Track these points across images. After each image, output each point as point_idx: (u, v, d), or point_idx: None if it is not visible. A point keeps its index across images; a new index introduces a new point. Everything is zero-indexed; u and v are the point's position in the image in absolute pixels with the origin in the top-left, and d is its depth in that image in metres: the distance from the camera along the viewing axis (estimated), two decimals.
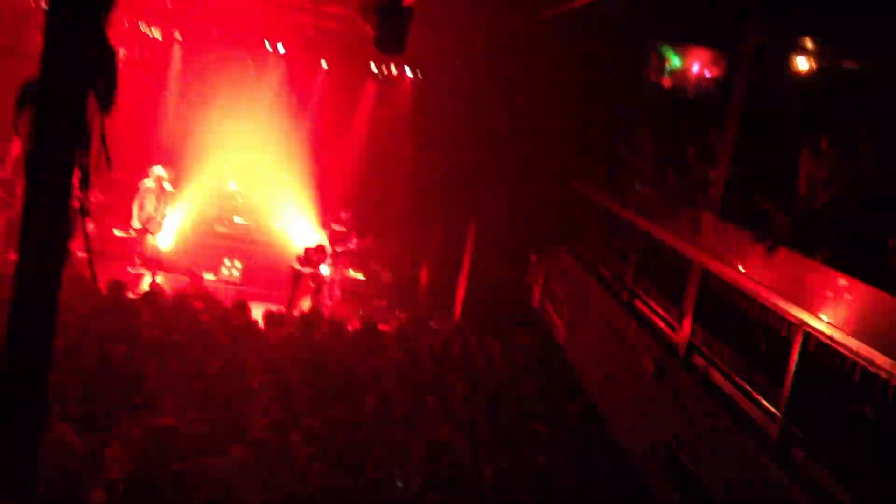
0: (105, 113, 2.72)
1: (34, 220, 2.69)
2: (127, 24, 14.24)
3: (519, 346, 12.88)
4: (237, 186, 17.02)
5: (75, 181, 2.72)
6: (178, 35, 15.61)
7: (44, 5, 2.52)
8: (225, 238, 16.23)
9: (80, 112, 2.69)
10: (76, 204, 2.73)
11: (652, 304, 9.73)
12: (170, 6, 14.72)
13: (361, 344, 11.80)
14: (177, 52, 16.17)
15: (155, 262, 14.94)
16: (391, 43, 6.15)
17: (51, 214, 2.67)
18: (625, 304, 10.40)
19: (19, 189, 13.88)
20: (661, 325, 9.28)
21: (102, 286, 12.21)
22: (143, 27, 14.14)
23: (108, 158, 2.79)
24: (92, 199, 2.74)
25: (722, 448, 7.16)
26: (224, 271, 15.54)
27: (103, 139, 2.75)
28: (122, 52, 13.44)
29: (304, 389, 9.71)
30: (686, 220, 8.93)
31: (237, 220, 16.51)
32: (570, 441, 9.85)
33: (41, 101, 2.67)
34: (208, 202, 16.50)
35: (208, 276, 14.92)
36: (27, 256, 2.68)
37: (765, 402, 6.77)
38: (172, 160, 15.52)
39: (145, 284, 14.15)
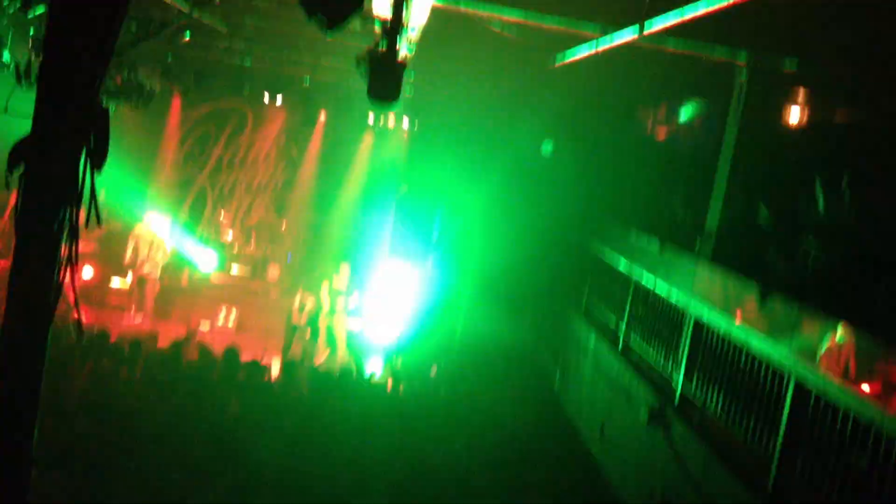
0: (97, 170, 2.78)
1: (23, 275, 2.73)
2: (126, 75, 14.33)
3: (515, 391, 12.85)
4: (233, 236, 17.12)
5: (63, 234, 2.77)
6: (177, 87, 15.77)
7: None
8: (222, 288, 16.30)
9: (72, 170, 2.74)
10: (64, 254, 2.77)
11: (647, 352, 9.73)
12: (170, 60, 14.93)
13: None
14: (176, 102, 16.38)
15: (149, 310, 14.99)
16: (384, 92, 6.24)
17: (40, 269, 2.72)
18: (620, 353, 10.40)
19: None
20: (656, 372, 9.27)
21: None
22: (143, 79, 14.26)
23: (98, 214, 2.84)
24: (87, 250, 2.79)
25: (717, 495, 7.11)
26: (220, 321, 15.56)
27: (94, 195, 2.80)
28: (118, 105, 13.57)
29: None
30: (681, 270, 8.98)
31: (234, 270, 16.58)
32: (568, 490, 9.80)
33: (33, 159, 2.72)
34: (205, 249, 16.60)
35: (203, 326, 14.94)
36: (15, 312, 2.72)
37: (758, 450, 6.75)
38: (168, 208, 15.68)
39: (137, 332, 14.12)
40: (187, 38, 13.17)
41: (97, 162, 2.77)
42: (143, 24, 11.07)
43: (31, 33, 10.40)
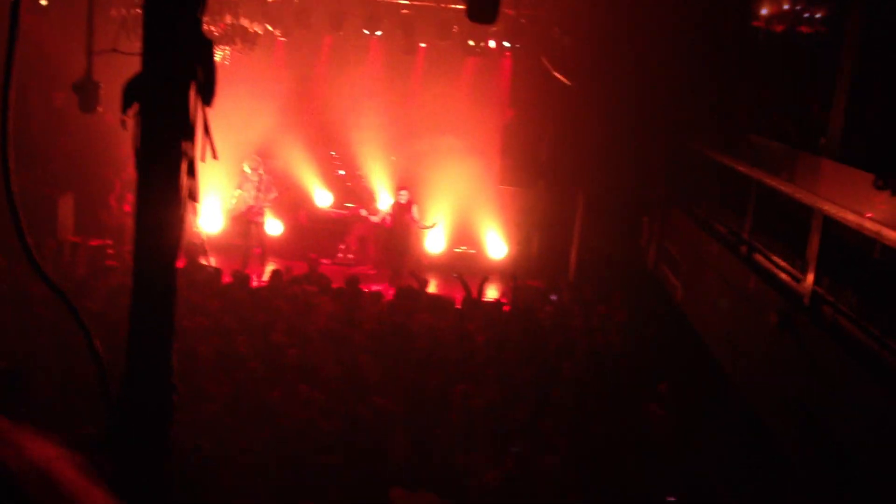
0: (207, 104, 2.82)
1: (146, 213, 2.82)
2: (231, 21, 14.57)
3: (636, 309, 12.74)
4: (344, 171, 17.39)
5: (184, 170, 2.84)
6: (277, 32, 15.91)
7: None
8: (337, 222, 16.64)
9: (184, 105, 2.79)
10: (185, 193, 2.84)
11: (773, 256, 9.44)
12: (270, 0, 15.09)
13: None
14: (280, 45, 16.58)
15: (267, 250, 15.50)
16: (482, 11, 6.11)
17: (162, 206, 2.81)
18: (744, 259, 10.12)
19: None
20: (784, 276, 9.00)
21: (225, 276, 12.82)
22: (244, 22, 14.50)
23: (213, 147, 2.89)
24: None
25: (855, 400, 6.90)
26: (339, 255, 15.97)
27: (207, 129, 2.85)
28: (225, 51, 13.82)
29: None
30: (805, 168, 8.61)
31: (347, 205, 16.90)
32: (697, 403, 9.71)
33: (146, 97, 2.79)
34: (316, 186, 16.97)
35: (324, 261, 15.34)
36: (142, 250, 2.82)
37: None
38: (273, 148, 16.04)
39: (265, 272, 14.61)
40: None
41: (206, 96, 2.81)
42: None
43: None
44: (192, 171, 2.85)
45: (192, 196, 2.86)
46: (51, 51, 14.50)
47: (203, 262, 12.65)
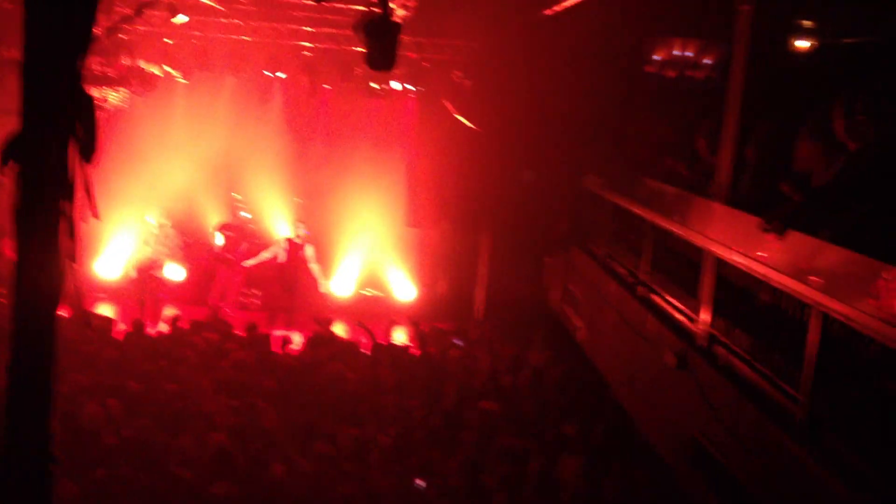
0: (87, 161, 2.74)
1: (24, 276, 2.72)
2: (129, 63, 14.28)
3: (542, 350, 12.87)
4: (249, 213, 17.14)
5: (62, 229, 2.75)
6: (177, 73, 15.66)
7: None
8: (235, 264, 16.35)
9: (63, 163, 2.71)
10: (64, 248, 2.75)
11: (669, 297, 9.69)
12: (170, 42, 14.86)
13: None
14: (179, 87, 16.27)
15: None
16: (380, 59, 6.16)
17: (39, 270, 2.71)
18: (641, 299, 10.36)
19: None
20: (680, 316, 9.24)
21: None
22: (143, 65, 14.24)
23: (94, 208, 2.81)
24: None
25: (749, 436, 7.10)
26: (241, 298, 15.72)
27: (89, 188, 2.77)
28: (122, 93, 13.53)
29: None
30: (696, 210, 8.89)
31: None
32: (601, 443, 9.82)
33: (23, 156, 2.70)
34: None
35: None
36: (20, 314, 2.72)
37: (788, 387, 6.72)
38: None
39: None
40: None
41: (87, 154, 2.73)
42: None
43: None
44: (72, 232, 2.76)
45: (72, 257, 2.77)
46: None
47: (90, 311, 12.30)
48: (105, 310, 14.30)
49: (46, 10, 2.58)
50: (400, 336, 14.92)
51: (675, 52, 11.45)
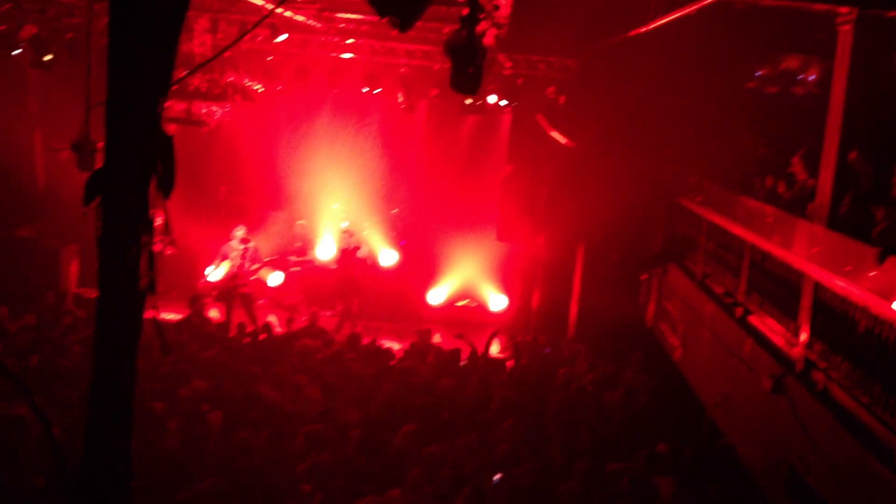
0: (166, 197, 2.86)
1: (106, 305, 2.85)
2: (232, 79, 14.78)
3: (635, 369, 12.67)
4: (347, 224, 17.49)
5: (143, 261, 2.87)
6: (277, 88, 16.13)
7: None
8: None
9: (143, 199, 2.83)
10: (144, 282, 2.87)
11: (766, 318, 9.40)
12: (269, 59, 15.34)
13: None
14: (280, 102, 16.81)
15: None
16: (465, 82, 6.18)
17: (121, 300, 2.83)
18: (738, 320, 10.08)
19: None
20: (777, 339, 8.95)
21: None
22: (246, 82, 14.73)
23: (172, 240, 2.93)
24: None
25: (847, 469, 6.82)
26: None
27: (167, 222, 2.89)
28: (218, 111, 14.00)
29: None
30: (797, 232, 8.62)
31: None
32: (695, 464, 9.61)
33: (106, 192, 2.83)
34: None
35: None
36: (102, 341, 2.84)
37: (886, 418, 6.43)
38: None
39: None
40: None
41: (166, 190, 2.85)
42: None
43: None
44: (152, 264, 2.89)
45: (151, 288, 2.89)
46: (55, 106, 14.70)
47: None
48: (218, 314, 14.79)
49: (129, 57, 2.71)
50: (495, 348, 14.93)
51: (776, 69, 11.12)
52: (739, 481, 9.12)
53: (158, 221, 2.88)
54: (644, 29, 10.68)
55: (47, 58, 14.73)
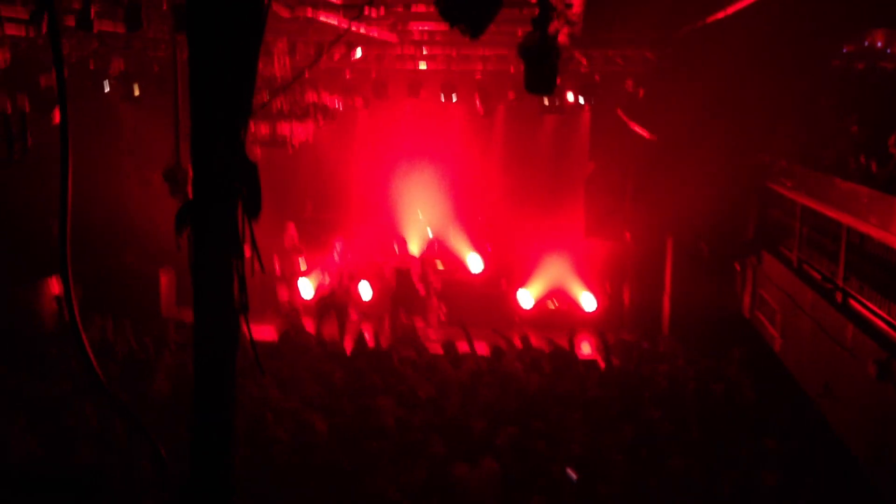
0: (253, 219, 2.97)
1: (202, 327, 2.97)
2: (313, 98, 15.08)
3: (738, 364, 12.38)
4: (432, 234, 17.64)
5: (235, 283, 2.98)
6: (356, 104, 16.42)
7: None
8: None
9: (233, 224, 2.94)
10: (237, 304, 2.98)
11: (867, 302, 9.09)
12: (348, 77, 15.64)
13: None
14: (361, 118, 17.13)
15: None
16: (539, 83, 6.18)
17: (216, 321, 2.94)
18: (839, 306, 9.77)
19: None
20: (881, 324, 8.65)
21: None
22: (327, 101, 15.03)
23: (260, 262, 3.03)
24: None
25: None
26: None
27: (254, 244, 2.99)
28: (302, 132, 14.31)
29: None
30: (894, 212, 8.32)
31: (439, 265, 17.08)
32: (802, 455, 9.36)
33: (195, 223, 2.95)
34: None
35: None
36: (200, 362, 2.96)
37: None
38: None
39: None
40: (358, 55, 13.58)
41: (252, 212, 2.96)
42: None
43: None
44: (243, 286, 2.99)
45: (243, 308, 2.99)
46: (147, 137, 15.27)
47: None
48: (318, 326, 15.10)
49: (209, 86, 2.82)
50: (586, 348, 14.85)
51: (862, 44, 10.74)
52: (847, 473, 8.85)
53: (246, 245, 2.99)
54: (723, 14, 10.46)
55: (136, 92, 15.35)
